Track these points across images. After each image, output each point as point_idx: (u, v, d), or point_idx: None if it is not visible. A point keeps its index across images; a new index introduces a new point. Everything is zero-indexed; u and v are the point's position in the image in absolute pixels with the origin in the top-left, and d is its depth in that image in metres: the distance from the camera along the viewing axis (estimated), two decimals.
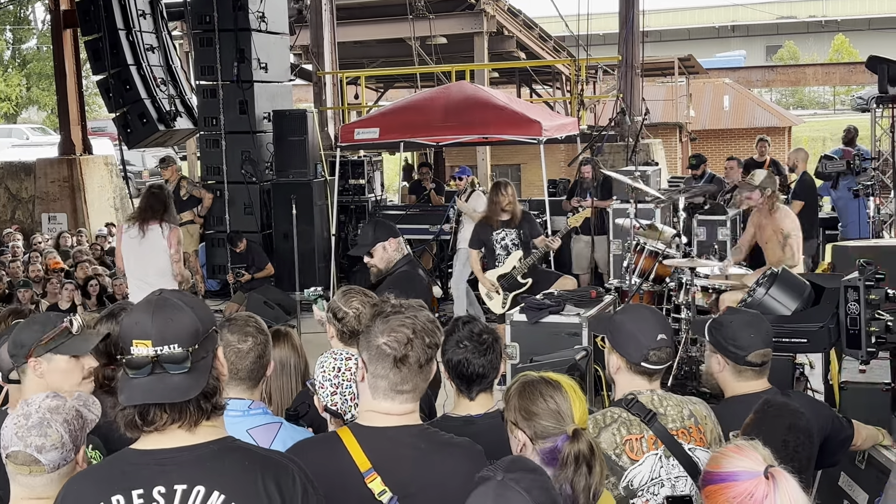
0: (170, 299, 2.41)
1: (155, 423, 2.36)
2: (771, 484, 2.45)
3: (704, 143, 27.34)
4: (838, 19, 61.08)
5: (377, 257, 5.75)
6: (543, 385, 2.97)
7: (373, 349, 2.84)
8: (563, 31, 18.10)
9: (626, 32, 15.87)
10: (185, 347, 2.34)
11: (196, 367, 2.37)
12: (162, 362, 2.33)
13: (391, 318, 2.87)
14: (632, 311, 3.68)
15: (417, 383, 2.87)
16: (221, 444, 2.42)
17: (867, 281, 4.33)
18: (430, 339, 2.87)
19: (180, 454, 2.36)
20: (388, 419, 2.86)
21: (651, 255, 8.56)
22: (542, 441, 2.88)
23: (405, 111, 13.18)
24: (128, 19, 14.39)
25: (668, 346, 3.44)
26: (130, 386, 2.35)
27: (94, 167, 18.55)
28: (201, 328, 2.40)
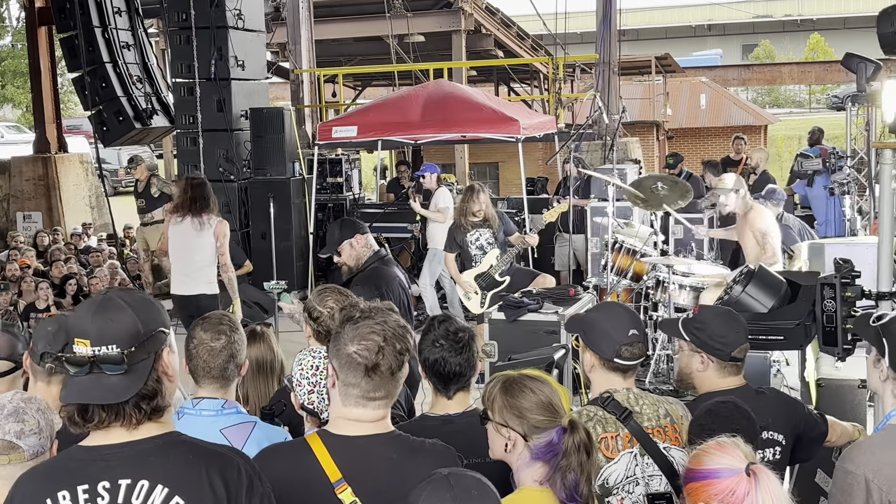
0: (114, 299, 2.41)
1: (94, 420, 2.37)
2: (752, 481, 2.46)
3: (681, 141, 27.46)
4: (814, 18, 61.49)
5: (345, 255, 5.73)
6: (528, 380, 2.95)
7: (343, 357, 2.78)
8: (541, 29, 18.12)
9: (604, 31, 15.91)
10: (122, 349, 2.34)
11: (134, 369, 2.36)
12: (99, 362, 2.33)
13: (360, 324, 2.80)
14: (603, 308, 3.71)
15: (390, 390, 2.83)
16: (166, 439, 2.42)
17: (843, 278, 4.34)
18: (401, 345, 2.82)
19: (123, 449, 2.37)
20: (359, 427, 2.81)
21: (628, 253, 8.59)
22: (538, 436, 2.85)
23: (383, 109, 13.17)
24: (103, 16, 14.27)
25: (640, 342, 3.46)
26: (70, 384, 2.37)
27: (70, 165, 18.44)
28: (142, 330, 2.39)
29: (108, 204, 15.52)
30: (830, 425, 4.04)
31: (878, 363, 3.34)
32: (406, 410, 4.25)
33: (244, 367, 3.59)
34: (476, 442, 3.29)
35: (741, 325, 3.80)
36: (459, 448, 3.36)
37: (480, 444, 3.22)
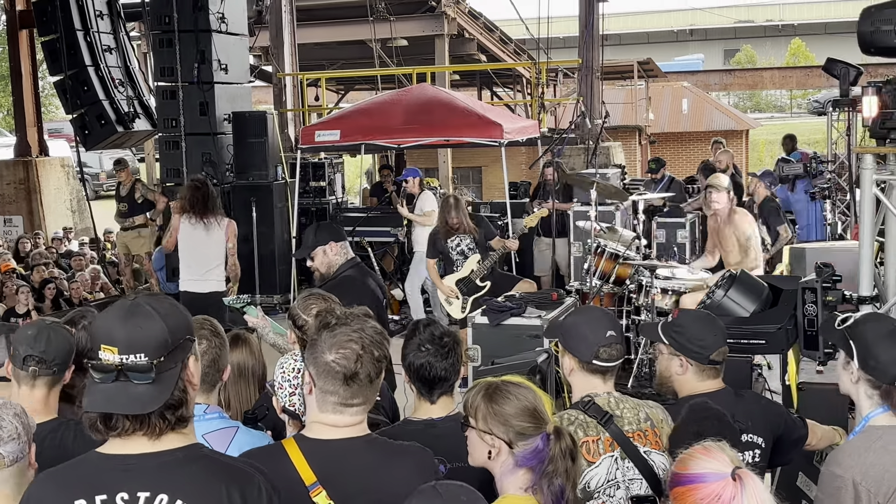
0: (143, 306, 2.36)
1: (117, 429, 2.33)
2: (738, 485, 2.47)
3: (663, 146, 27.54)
4: (795, 24, 61.87)
5: (318, 261, 5.70)
6: (511, 386, 2.93)
7: (321, 365, 2.78)
8: (524, 34, 18.12)
9: (586, 36, 15.95)
10: (150, 358, 2.31)
11: (161, 379, 2.33)
12: (126, 371, 2.30)
13: (338, 331, 2.80)
14: (580, 312, 3.72)
15: (368, 396, 2.83)
16: (187, 452, 2.38)
17: (824, 283, 4.37)
18: (378, 352, 2.82)
19: (145, 460, 2.33)
20: (335, 431, 2.81)
21: (611, 258, 8.60)
22: (523, 443, 2.83)
23: (366, 113, 13.13)
24: (85, 20, 14.24)
25: (617, 343, 3.47)
26: (95, 391, 2.32)
27: (51, 169, 18.36)
28: (170, 339, 2.35)
29: (89, 208, 15.46)
30: (811, 429, 4.06)
31: (848, 366, 3.37)
32: (390, 416, 4.24)
33: (226, 372, 3.57)
34: (459, 446, 3.28)
35: (720, 328, 3.82)
36: (442, 452, 3.35)
37: (464, 448, 3.21)
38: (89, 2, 14.32)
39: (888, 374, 3.27)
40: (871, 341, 3.32)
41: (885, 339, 3.33)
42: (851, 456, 3.23)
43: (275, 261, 12.61)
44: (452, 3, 19.85)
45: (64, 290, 12.82)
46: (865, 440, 3.26)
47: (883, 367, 3.28)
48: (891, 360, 3.28)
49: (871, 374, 3.30)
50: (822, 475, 3.29)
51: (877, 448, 3.20)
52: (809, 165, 12.59)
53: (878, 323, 3.43)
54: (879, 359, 3.29)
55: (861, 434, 3.32)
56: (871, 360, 3.30)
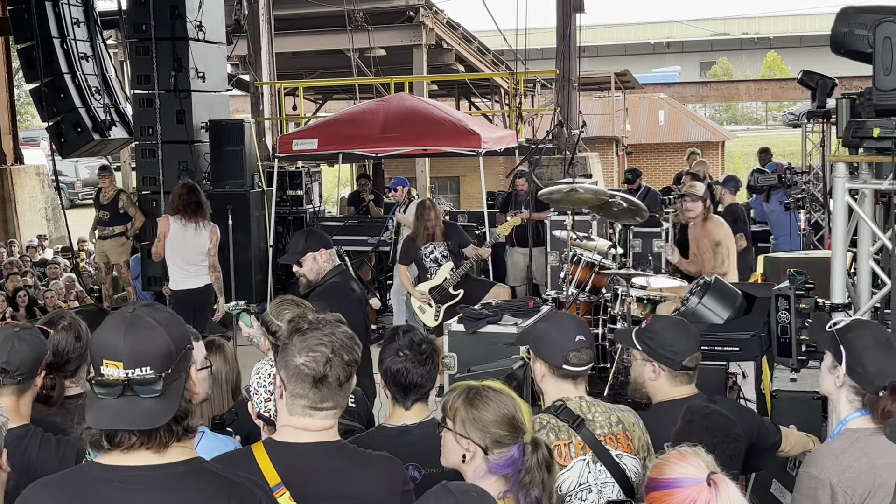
0: (144, 318, 2.32)
1: (122, 445, 2.28)
2: (713, 490, 2.48)
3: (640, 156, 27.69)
4: (771, 37, 62.39)
5: (306, 267, 5.68)
6: (492, 392, 2.94)
7: (291, 369, 2.78)
8: (502, 45, 18.20)
9: (564, 46, 16.02)
10: (157, 371, 2.27)
11: (167, 391, 2.29)
12: (133, 385, 2.25)
13: (308, 335, 2.80)
14: (550, 318, 3.76)
15: (338, 401, 2.83)
16: (188, 466, 2.35)
17: (797, 290, 4.41)
18: (349, 356, 2.82)
19: (146, 473, 2.29)
20: (304, 435, 2.81)
21: (587, 267, 8.62)
22: (499, 451, 2.84)
23: (344, 122, 13.14)
24: (62, 27, 14.14)
25: (587, 347, 3.50)
26: (98, 406, 2.27)
27: (26, 177, 18.25)
28: (174, 350, 2.32)
29: (64, 217, 15.35)
30: (784, 435, 4.09)
31: (834, 369, 3.38)
32: (365, 423, 4.24)
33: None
34: (433, 453, 3.28)
35: (692, 334, 3.85)
36: (416, 459, 3.36)
37: (437, 455, 3.21)
38: (66, 9, 14.23)
39: (873, 385, 3.29)
40: (860, 349, 3.33)
41: (875, 348, 3.34)
42: (828, 458, 3.26)
43: (251, 269, 12.57)
44: (431, 14, 19.91)
45: (38, 299, 12.73)
46: (843, 443, 3.28)
47: (869, 377, 3.30)
48: (878, 370, 3.30)
49: (856, 381, 3.32)
50: (800, 476, 3.31)
51: (854, 451, 3.23)
52: (784, 176, 12.69)
53: (869, 331, 3.44)
54: (867, 368, 3.31)
55: (838, 437, 3.35)
56: (858, 368, 3.32)
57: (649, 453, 3.48)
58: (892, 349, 3.38)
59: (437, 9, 20.38)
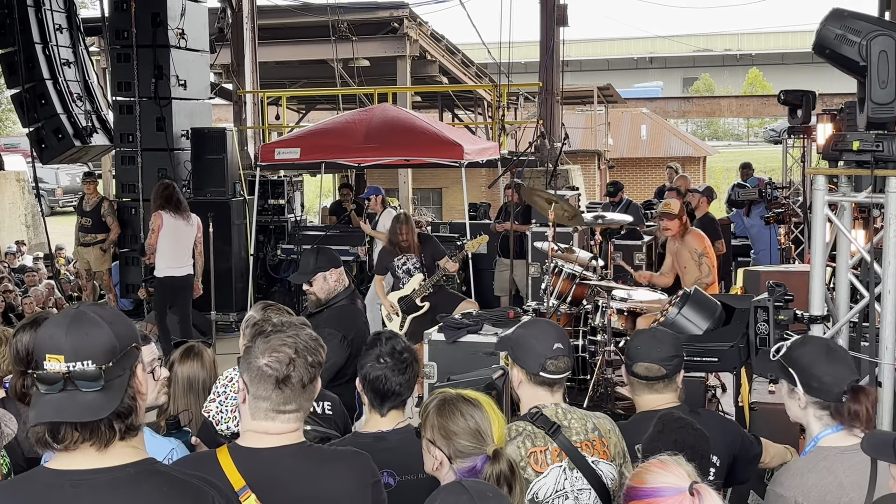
0: (87, 314, 2.31)
1: (66, 441, 2.27)
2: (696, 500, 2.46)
3: (622, 170, 27.80)
4: (753, 53, 62.89)
5: (317, 286, 5.64)
6: (463, 403, 2.98)
7: (254, 370, 2.76)
8: (486, 58, 18.26)
9: (547, 60, 16.07)
10: (98, 365, 2.25)
11: (110, 386, 2.27)
12: (74, 379, 2.24)
13: (272, 337, 2.79)
14: (529, 325, 3.73)
15: (301, 403, 2.80)
16: (139, 467, 2.33)
17: (776, 302, 4.41)
18: (312, 357, 2.80)
19: (95, 476, 2.27)
20: (267, 439, 2.79)
21: (568, 278, 8.63)
22: (461, 461, 2.89)
23: (327, 132, 13.12)
24: (44, 33, 14.10)
25: (564, 355, 3.49)
26: (42, 402, 2.26)
27: (6, 183, 18.14)
28: (118, 345, 2.31)
29: (44, 223, 15.26)
30: (764, 447, 4.09)
31: (793, 393, 3.41)
32: (342, 430, 4.22)
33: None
34: (409, 459, 3.29)
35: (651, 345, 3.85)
36: (392, 465, 3.35)
37: (413, 460, 3.21)
38: (48, 15, 14.19)
39: (833, 393, 3.31)
40: (808, 364, 3.38)
41: (822, 358, 3.39)
42: (794, 476, 3.26)
43: (232, 278, 12.53)
44: (415, 25, 19.94)
45: (16, 305, 12.65)
46: (810, 461, 3.29)
47: (827, 387, 3.33)
48: (832, 379, 3.33)
49: (816, 395, 3.33)
50: (767, 494, 3.33)
51: (820, 468, 3.23)
52: (764, 191, 12.76)
53: (811, 346, 3.50)
54: (822, 379, 3.34)
55: (807, 455, 3.36)
56: (814, 382, 3.35)
57: (625, 460, 3.48)
58: (837, 355, 3.44)
59: (421, 20, 20.41)
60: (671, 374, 3.82)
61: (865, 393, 3.35)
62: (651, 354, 3.81)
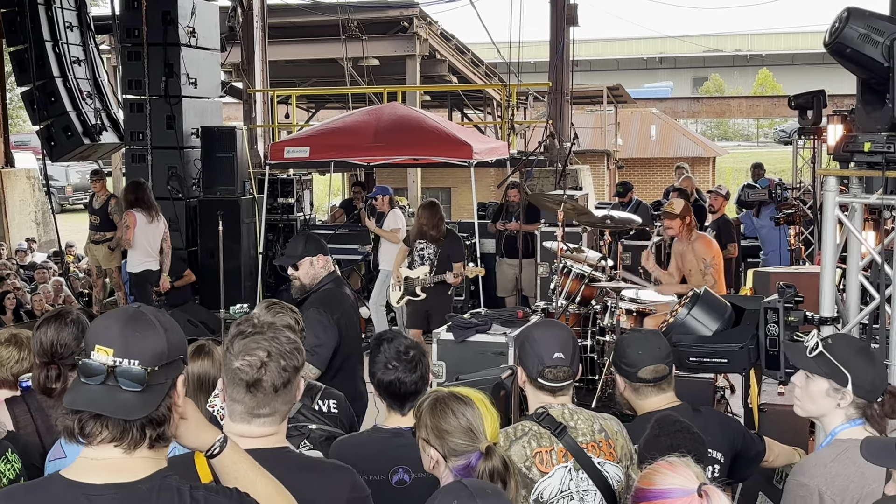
0: (147, 315, 2.31)
1: (92, 436, 2.25)
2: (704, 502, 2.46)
3: (631, 171, 27.76)
4: (763, 54, 62.71)
5: (302, 271, 5.65)
6: (454, 401, 2.98)
7: (229, 372, 2.75)
8: (496, 57, 18.25)
9: (557, 59, 16.05)
10: (144, 366, 2.24)
11: (150, 390, 2.26)
12: (117, 375, 2.23)
13: (249, 339, 2.76)
14: (541, 326, 3.69)
15: (276, 407, 2.77)
16: (152, 483, 2.29)
17: (786, 303, 4.40)
18: (286, 361, 2.75)
19: (110, 492, 2.24)
20: (244, 441, 2.74)
21: (577, 278, 8.63)
22: (456, 459, 2.89)
23: (336, 131, 13.11)
24: (55, 31, 14.14)
25: (564, 366, 3.43)
26: (78, 390, 2.25)
27: (16, 181, 18.19)
28: (167, 352, 2.30)
29: (54, 221, 15.30)
30: (769, 446, 4.08)
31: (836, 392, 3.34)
32: (347, 428, 4.22)
33: None
34: None
35: (649, 347, 3.83)
36: (408, 461, 3.36)
37: None
38: (59, 13, 14.23)
39: (876, 393, 3.30)
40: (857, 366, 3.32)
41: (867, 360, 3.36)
42: (818, 466, 3.26)
43: (241, 276, 12.55)
44: (425, 25, 19.94)
45: (25, 303, 12.68)
46: (832, 452, 3.29)
47: (876, 388, 3.31)
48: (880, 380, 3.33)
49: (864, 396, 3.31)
50: (788, 484, 3.31)
51: (843, 459, 3.23)
52: (774, 192, 12.72)
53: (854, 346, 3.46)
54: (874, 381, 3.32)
55: (828, 446, 3.35)
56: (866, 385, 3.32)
57: (632, 462, 3.47)
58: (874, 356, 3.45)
59: (431, 20, 20.40)
60: (671, 368, 3.84)
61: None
62: (655, 356, 3.80)
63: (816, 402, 3.42)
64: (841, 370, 3.33)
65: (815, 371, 3.37)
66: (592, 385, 8.24)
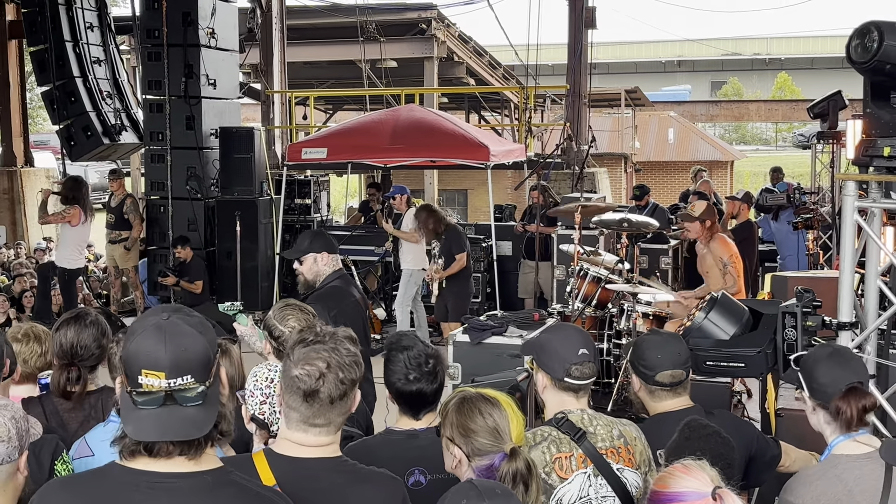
0: (181, 325, 2.28)
1: (160, 454, 2.25)
2: None
3: (649, 174, 27.69)
4: (782, 58, 62.45)
5: (305, 266, 5.67)
6: (482, 402, 2.98)
7: (287, 380, 2.75)
8: (513, 60, 18.23)
9: (575, 61, 16.02)
10: (198, 380, 2.24)
11: (208, 398, 2.27)
12: (175, 396, 2.22)
13: (309, 348, 2.76)
14: (554, 329, 3.72)
15: (332, 418, 2.76)
16: (216, 476, 2.31)
17: (804, 307, 4.39)
18: (344, 373, 2.74)
19: (174, 481, 2.25)
20: (302, 450, 2.77)
21: (594, 281, 8.61)
22: (479, 458, 2.89)
23: (354, 132, 13.14)
24: (75, 31, 14.22)
25: (589, 361, 3.46)
26: (139, 417, 2.23)
27: (36, 180, 18.29)
28: (212, 355, 2.31)
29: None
30: (785, 451, 4.07)
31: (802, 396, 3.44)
32: (364, 428, 4.23)
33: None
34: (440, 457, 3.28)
35: (669, 351, 3.84)
36: (423, 463, 3.36)
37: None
38: (79, 13, 14.31)
39: (828, 394, 3.32)
40: (811, 367, 3.43)
41: (825, 361, 3.43)
42: (804, 484, 3.28)
43: (258, 276, 12.57)
44: (443, 27, 19.94)
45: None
46: (822, 469, 3.32)
47: (823, 388, 3.37)
48: (830, 380, 3.36)
49: (816, 397, 3.35)
50: (779, 502, 3.32)
51: (830, 476, 3.23)
52: (793, 196, 12.67)
53: (820, 349, 3.55)
54: (819, 380, 3.39)
55: (820, 463, 3.37)
56: (814, 384, 3.39)
57: (650, 468, 3.46)
58: (841, 359, 3.47)
59: (449, 22, 20.41)
60: (689, 373, 3.84)
61: (858, 395, 3.35)
62: (674, 361, 3.79)
63: (807, 413, 3.49)
64: (798, 376, 3.40)
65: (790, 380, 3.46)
66: (608, 389, 8.20)
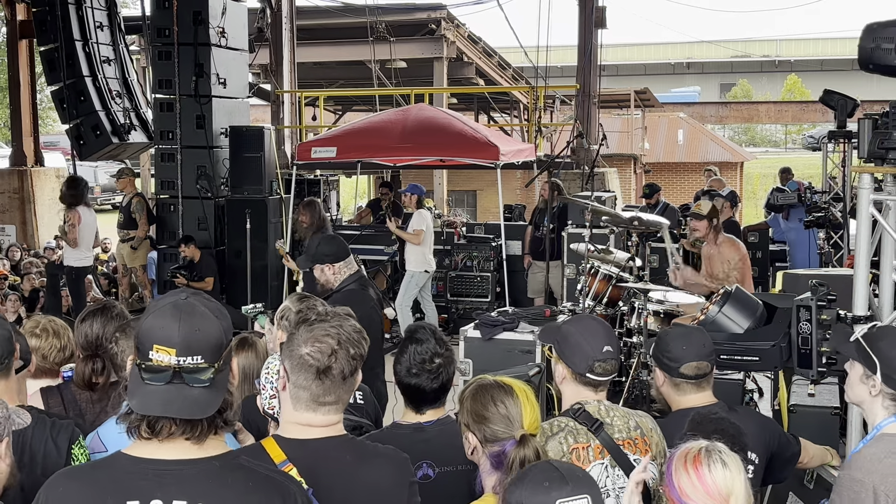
0: (198, 306, 2.30)
1: (162, 433, 2.25)
2: None
3: (658, 175, 27.62)
4: (791, 60, 62.34)
5: (317, 275, 5.74)
6: (496, 390, 2.99)
7: (295, 359, 2.75)
8: (523, 61, 18.21)
9: (585, 62, 15.99)
10: (208, 361, 2.26)
11: (216, 382, 2.28)
12: (184, 374, 2.24)
13: (315, 326, 2.79)
14: (580, 321, 3.66)
15: (341, 395, 2.79)
16: (223, 461, 2.32)
17: (819, 301, 4.35)
18: (354, 349, 2.79)
19: (180, 468, 2.26)
20: (310, 431, 2.78)
21: (605, 279, 8.58)
22: (492, 445, 2.91)
23: (363, 131, 13.13)
24: (85, 31, 14.24)
25: (613, 359, 3.44)
26: (145, 392, 2.24)
27: (46, 179, 18.34)
28: (225, 341, 2.32)
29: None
30: (804, 447, 4.04)
31: (868, 379, 3.37)
32: (373, 419, 4.22)
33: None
34: (447, 451, 3.28)
35: (694, 343, 3.80)
36: (430, 456, 3.34)
37: (452, 452, 3.21)
38: (90, 13, 14.33)
39: None
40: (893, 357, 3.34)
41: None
42: (872, 462, 3.26)
43: (267, 275, 12.57)
44: (452, 27, 19.95)
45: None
46: (883, 448, 3.29)
47: None
48: None
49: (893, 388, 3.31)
50: (841, 479, 3.30)
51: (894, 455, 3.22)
52: (804, 195, 12.61)
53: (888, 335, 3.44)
54: None
55: (877, 442, 3.34)
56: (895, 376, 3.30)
57: (666, 460, 3.43)
58: None
59: (458, 22, 20.42)
60: (713, 367, 3.80)
61: None
62: (699, 352, 3.76)
63: (854, 388, 3.45)
64: (871, 357, 3.33)
65: (848, 353, 3.40)
66: (619, 387, 8.17)
